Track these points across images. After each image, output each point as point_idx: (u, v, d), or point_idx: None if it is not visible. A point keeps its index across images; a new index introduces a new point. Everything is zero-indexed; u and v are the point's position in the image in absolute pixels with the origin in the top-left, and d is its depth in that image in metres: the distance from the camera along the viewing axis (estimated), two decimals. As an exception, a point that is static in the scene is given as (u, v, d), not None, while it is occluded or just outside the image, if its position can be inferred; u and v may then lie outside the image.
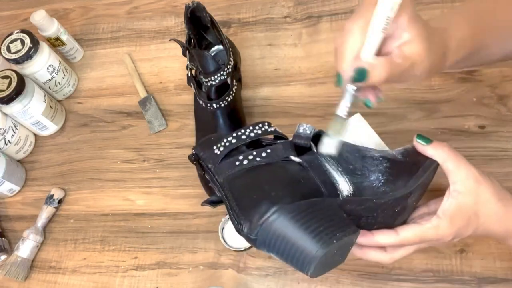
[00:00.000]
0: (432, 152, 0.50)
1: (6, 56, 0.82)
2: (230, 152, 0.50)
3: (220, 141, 0.51)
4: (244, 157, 0.49)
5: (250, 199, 0.46)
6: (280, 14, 0.88)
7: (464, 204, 0.49)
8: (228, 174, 0.49)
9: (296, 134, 0.51)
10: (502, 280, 0.61)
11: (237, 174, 0.49)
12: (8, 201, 0.86)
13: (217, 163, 0.50)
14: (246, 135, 0.51)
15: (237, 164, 0.49)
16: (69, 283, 0.76)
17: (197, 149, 0.53)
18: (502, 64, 0.74)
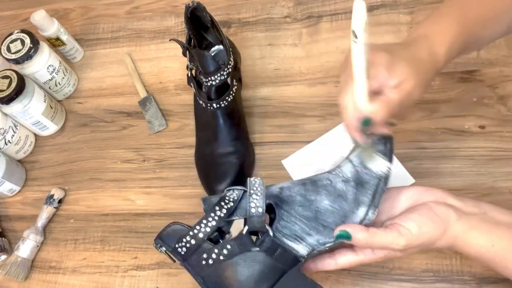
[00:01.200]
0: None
1: (6, 56, 0.82)
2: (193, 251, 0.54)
3: (180, 240, 0.55)
4: (208, 256, 0.53)
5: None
6: (280, 14, 0.88)
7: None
8: (198, 271, 0.53)
9: (249, 216, 0.53)
10: (502, 280, 0.61)
11: (207, 272, 0.53)
12: (8, 201, 0.86)
13: (185, 261, 0.54)
14: (203, 232, 0.54)
15: (203, 263, 0.53)
16: (69, 283, 0.76)
17: (160, 243, 0.57)
18: (502, 64, 0.74)
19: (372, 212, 0.53)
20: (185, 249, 0.54)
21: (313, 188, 0.56)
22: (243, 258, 0.52)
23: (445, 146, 0.70)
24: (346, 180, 0.55)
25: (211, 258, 0.53)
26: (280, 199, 0.56)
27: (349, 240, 0.51)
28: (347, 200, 0.54)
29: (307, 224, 0.54)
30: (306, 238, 0.53)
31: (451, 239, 0.51)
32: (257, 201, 0.54)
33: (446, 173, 0.69)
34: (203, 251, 0.53)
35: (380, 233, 0.50)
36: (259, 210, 0.53)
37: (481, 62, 0.75)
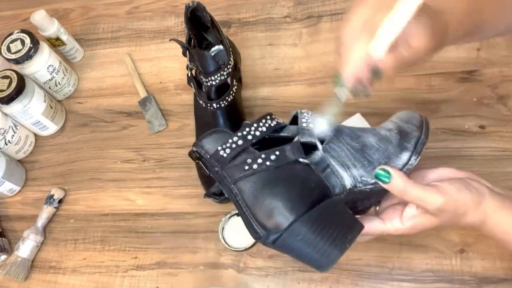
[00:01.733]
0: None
1: (6, 56, 0.82)
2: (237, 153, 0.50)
3: (225, 141, 0.50)
4: (252, 161, 0.48)
5: (265, 208, 0.47)
6: (280, 14, 0.88)
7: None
8: (237, 178, 0.48)
9: (300, 129, 0.51)
10: (503, 280, 0.61)
11: (248, 179, 0.48)
12: (8, 201, 0.86)
13: (225, 166, 0.49)
14: (252, 135, 0.50)
15: (246, 168, 0.48)
16: (69, 283, 0.76)
17: (199, 148, 0.51)
18: (502, 64, 0.74)
19: (414, 158, 0.53)
20: (229, 150, 0.49)
21: (358, 129, 0.56)
22: (290, 168, 0.49)
23: (445, 146, 0.70)
24: (388, 129, 0.56)
25: (256, 163, 0.48)
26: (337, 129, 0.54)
27: (387, 181, 0.48)
28: (391, 143, 0.54)
29: (353, 154, 0.52)
30: (351, 168, 0.51)
31: (483, 215, 0.50)
32: (308, 118, 0.52)
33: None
34: (248, 155, 0.49)
35: (419, 186, 0.49)
36: (310, 125, 0.51)
37: (481, 62, 0.75)
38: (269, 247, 0.49)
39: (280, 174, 0.49)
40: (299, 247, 0.48)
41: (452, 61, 0.76)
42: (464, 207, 0.50)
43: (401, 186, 0.48)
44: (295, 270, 0.68)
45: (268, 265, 0.69)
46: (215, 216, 0.74)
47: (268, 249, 0.70)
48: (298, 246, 0.48)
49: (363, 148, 0.53)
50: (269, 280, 0.69)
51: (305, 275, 0.67)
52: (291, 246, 0.48)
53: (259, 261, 0.70)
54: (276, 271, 0.69)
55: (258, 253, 0.70)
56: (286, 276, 0.68)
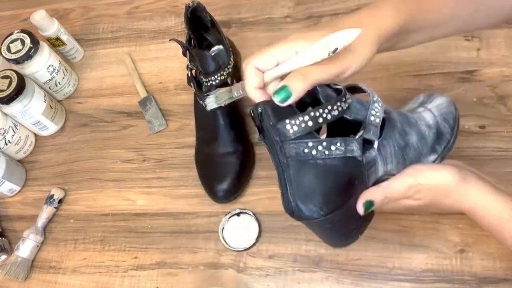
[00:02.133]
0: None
1: (6, 56, 0.82)
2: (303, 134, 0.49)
3: (295, 117, 0.48)
4: (313, 146, 0.48)
5: (305, 190, 0.49)
6: (281, 14, 0.88)
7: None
8: (293, 156, 0.48)
9: (368, 123, 0.51)
10: (502, 280, 0.61)
11: (301, 162, 0.48)
12: (8, 201, 0.86)
13: (286, 141, 0.48)
14: (323, 118, 0.48)
15: (305, 151, 0.48)
16: (69, 283, 0.76)
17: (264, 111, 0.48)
18: (502, 64, 0.74)
19: (438, 161, 0.57)
20: (297, 128, 0.47)
21: (408, 121, 0.57)
22: (344, 161, 0.49)
23: (445, 146, 0.70)
24: (428, 126, 0.58)
25: (315, 149, 0.48)
26: (389, 118, 0.55)
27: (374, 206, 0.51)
28: (427, 143, 0.57)
29: (396, 152, 0.55)
30: (388, 164, 0.54)
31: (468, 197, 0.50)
32: (378, 110, 0.52)
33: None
34: (310, 138, 0.48)
35: (391, 181, 0.51)
36: (377, 120, 0.52)
37: (481, 62, 0.75)
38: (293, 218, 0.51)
39: (332, 165, 0.49)
40: (321, 231, 0.53)
41: (452, 61, 0.76)
42: (444, 186, 0.50)
43: (382, 194, 0.51)
44: (295, 270, 0.68)
45: (268, 265, 0.69)
46: (215, 216, 0.74)
47: (268, 249, 0.70)
48: (321, 230, 0.53)
49: (405, 147, 0.56)
50: (269, 280, 0.69)
51: (305, 275, 0.68)
52: (314, 229, 0.53)
53: (259, 261, 0.70)
54: (276, 271, 0.69)
55: (258, 253, 0.71)
56: (286, 276, 0.68)
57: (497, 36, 0.76)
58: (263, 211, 0.72)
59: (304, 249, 0.69)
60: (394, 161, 0.55)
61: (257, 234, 0.70)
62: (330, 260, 0.67)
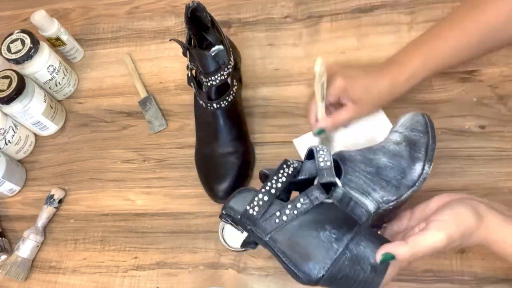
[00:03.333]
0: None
1: (7, 56, 0.82)
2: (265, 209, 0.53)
3: (252, 200, 0.53)
4: (281, 213, 0.52)
5: (301, 254, 0.52)
6: (281, 14, 0.88)
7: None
8: (270, 231, 0.52)
9: (319, 169, 0.54)
10: (502, 280, 0.61)
11: (280, 230, 0.52)
12: (8, 201, 0.86)
13: (256, 222, 0.53)
14: (274, 188, 0.53)
15: (276, 221, 0.52)
16: (69, 283, 0.76)
17: (228, 210, 0.54)
18: (503, 64, 0.74)
19: (428, 166, 0.56)
20: (258, 208, 0.53)
21: (369, 151, 0.58)
22: (317, 211, 0.52)
23: (445, 146, 0.70)
24: (397, 143, 0.59)
25: (284, 215, 0.52)
26: (343, 157, 0.57)
27: (394, 259, 0.49)
28: (403, 157, 0.57)
29: (371, 179, 0.55)
30: (371, 193, 0.54)
31: (487, 232, 0.50)
32: (324, 156, 0.55)
33: (446, 173, 0.69)
34: (275, 209, 0.52)
35: (419, 237, 0.49)
36: (327, 164, 0.54)
37: (481, 62, 0.75)
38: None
39: (309, 219, 0.52)
40: (341, 284, 0.52)
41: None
42: (468, 229, 0.49)
43: (408, 253, 0.49)
44: None
45: (268, 265, 0.69)
46: (215, 216, 0.74)
47: (268, 249, 0.70)
48: (340, 284, 0.52)
49: (378, 171, 0.56)
50: (269, 280, 0.69)
51: (305, 275, 0.67)
52: (333, 284, 0.52)
53: (259, 261, 0.70)
54: (276, 271, 0.69)
55: (258, 253, 0.70)
56: (286, 276, 0.67)
57: (497, 36, 0.76)
58: (263, 211, 0.72)
59: (304, 249, 0.69)
60: (377, 188, 0.55)
61: (257, 234, 0.70)
62: (330, 260, 0.67)
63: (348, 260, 0.51)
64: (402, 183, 0.56)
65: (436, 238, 0.48)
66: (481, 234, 0.50)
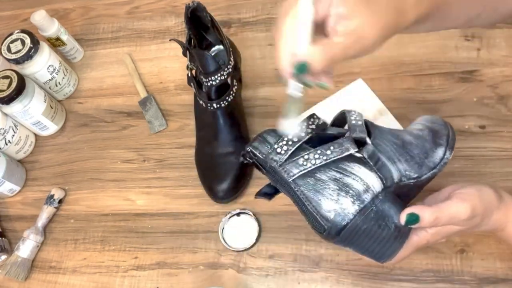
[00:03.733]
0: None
1: (7, 56, 0.82)
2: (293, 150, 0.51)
3: (280, 139, 0.51)
4: (309, 156, 0.50)
5: (327, 201, 0.49)
6: (280, 14, 0.88)
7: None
8: (296, 173, 0.49)
9: (351, 125, 0.52)
10: (503, 280, 0.61)
11: (306, 174, 0.50)
12: (9, 201, 0.86)
13: (283, 163, 0.50)
14: (304, 132, 0.51)
15: (304, 163, 0.49)
16: (70, 283, 0.76)
17: (253, 148, 0.51)
18: (502, 64, 0.74)
19: (449, 153, 0.55)
20: (286, 147, 0.50)
21: (396, 130, 0.57)
22: (344, 167, 0.50)
23: (445, 146, 0.70)
24: (420, 129, 0.58)
25: (313, 158, 0.49)
26: (371, 123, 0.56)
27: (418, 221, 0.47)
28: (426, 140, 0.56)
29: (397, 150, 0.54)
30: (396, 162, 0.53)
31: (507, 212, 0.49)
32: (356, 116, 0.53)
33: (446, 173, 0.68)
34: (304, 151, 0.50)
35: (443, 205, 0.48)
36: (359, 123, 0.53)
37: (481, 62, 0.75)
38: (331, 241, 0.50)
39: (336, 167, 0.50)
40: (361, 239, 0.49)
41: (452, 61, 0.76)
42: (491, 205, 0.49)
43: (432, 217, 0.48)
44: (295, 270, 0.68)
45: (268, 265, 0.69)
46: (215, 216, 0.74)
47: (268, 249, 0.70)
48: (361, 238, 0.49)
49: (404, 144, 0.55)
50: (269, 280, 0.69)
51: (305, 275, 0.68)
52: (354, 238, 0.49)
53: (259, 261, 0.70)
54: (276, 271, 0.69)
55: (258, 253, 0.71)
56: (286, 276, 0.68)
57: (497, 36, 0.76)
58: (263, 211, 0.72)
59: (304, 249, 0.69)
60: (402, 160, 0.54)
61: (257, 234, 0.70)
62: (330, 260, 0.67)
63: (374, 213, 0.49)
64: (424, 163, 0.55)
65: (461, 207, 0.47)
66: (500, 216, 0.50)
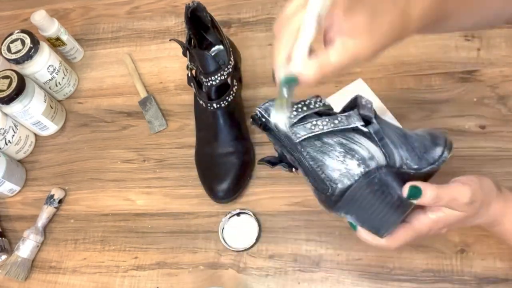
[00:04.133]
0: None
1: (7, 56, 0.82)
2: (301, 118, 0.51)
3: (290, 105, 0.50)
4: (317, 122, 0.50)
5: (334, 162, 0.49)
6: (280, 14, 0.88)
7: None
8: (303, 135, 0.50)
9: (360, 105, 0.53)
10: (503, 280, 0.61)
11: (314, 137, 0.50)
12: (9, 201, 0.86)
13: (291, 126, 0.50)
14: (313, 105, 0.51)
15: (312, 128, 0.50)
16: (70, 283, 0.76)
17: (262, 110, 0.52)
18: (502, 64, 0.74)
19: (447, 152, 0.56)
20: (296, 112, 0.50)
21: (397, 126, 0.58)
22: (350, 136, 0.51)
23: (445, 146, 0.70)
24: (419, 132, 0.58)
25: (321, 124, 0.50)
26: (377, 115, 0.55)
27: (420, 194, 0.48)
28: (425, 139, 0.57)
29: (399, 138, 0.54)
30: (399, 148, 0.53)
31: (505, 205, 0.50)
32: (367, 100, 0.54)
33: (446, 173, 0.68)
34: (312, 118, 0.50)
35: (446, 186, 0.49)
36: (369, 105, 0.53)
37: (481, 62, 0.75)
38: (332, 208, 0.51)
39: (344, 135, 0.51)
40: (363, 205, 0.49)
41: (452, 61, 0.76)
42: (490, 194, 0.50)
43: (434, 194, 0.48)
44: (295, 270, 0.68)
45: (268, 265, 0.69)
46: (215, 216, 0.74)
47: (268, 249, 0.70)
48: (363, 204, 0.49)
49: (406, 137, 0.55)
50: (269, 280, 0.69)
51: (305, 275, 0.68)
52: (356, 203, 0.50)
53: (259, 261, 0.70)
54: (276, 271, 0.69)
55: (258, 253, 0.71)
56: (286, 276, 0.68)
57: (497, 36, 0.76)
58: (263, 211, 0.73)
59: (304, 249, 0.69)
60: (404, 148, 0.54)
61: (257, 234, 0.70)
62: (330, 260, 0.67)
63: (378, 180, 0.49)
64: (424, 157, 0.55)
65: (462, 189, 0.48)
66: (498, 207, 0.50)
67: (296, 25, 0.41)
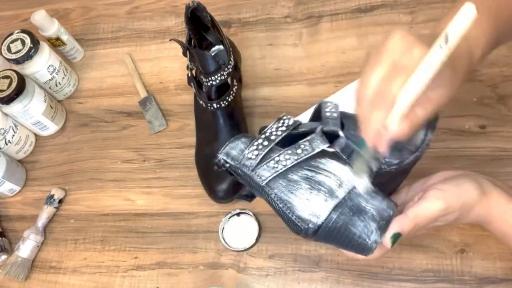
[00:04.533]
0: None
1: (7, 56, 0.82)
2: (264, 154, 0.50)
3: (250, 144, 0.50)
4: (280, 158, 0.49)
5: (300, 201, 0.48)
6: (281, 14, 0.88)
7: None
8: (268, 177, 0.49)
9: (324, 119, 0.51)
10: (503, 280, 0.61)
11: (278, 176, 0.49)
12: (9, 201, 0.86)
13: (255, 168, 0.50)
14: (274, 135, 0.51)
15: (275, 166, 0.49)
16: (70, 283, 0.76)
17: (224, 156, 0.51)
18: (503, 64, 0.74)
19: (430, 132, 0.53)
20: (257, 152, 0.49)
21: None
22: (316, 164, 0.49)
23: (445, 146, 0.70)
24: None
25: (284, 160, 0.49)
26: (345, 114, 0.54)
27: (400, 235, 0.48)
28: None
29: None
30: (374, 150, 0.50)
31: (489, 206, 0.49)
32: (331, 108, 0.52)
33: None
34: (274, 154, 0.49)
35: (418, 208, 0.48)
36: (334, 115, 0.51)
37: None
38: (310, 240, 0.50)
39: (309, 165, 0.49)
40: (339, 236, 0.48)
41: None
42: (469, 202, 0.49)
43: (411, 225, 0.48)
44: (295, 270, 0.68)
45: (268, 265, 0.70)
46: (215, 216, 0.74)
47: (268, 249, 0.70)
48: (338, 235, 0.48)
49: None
50: (269, 280, 0.69)
51: (305, 275, 0.68)
52: (332, 235, 0.49)
53: (259, 261, 0.70)
54: (276, 271, 0.69)
55: (258, 253, 0.71)
56: (286, 276, 0.68)
57: (497, 36, 0.76)
58: (263, 211, 0.72)
59: (304, 249, 0.69)
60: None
61: (257, 234, 0.70)
62: (330, 260, 0.68)
63: (349, 208, 0.48)
64: (404, 147, 0.53)
65: (435, 206, 0.48)
66: (482, 210, 0.50)
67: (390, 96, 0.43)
